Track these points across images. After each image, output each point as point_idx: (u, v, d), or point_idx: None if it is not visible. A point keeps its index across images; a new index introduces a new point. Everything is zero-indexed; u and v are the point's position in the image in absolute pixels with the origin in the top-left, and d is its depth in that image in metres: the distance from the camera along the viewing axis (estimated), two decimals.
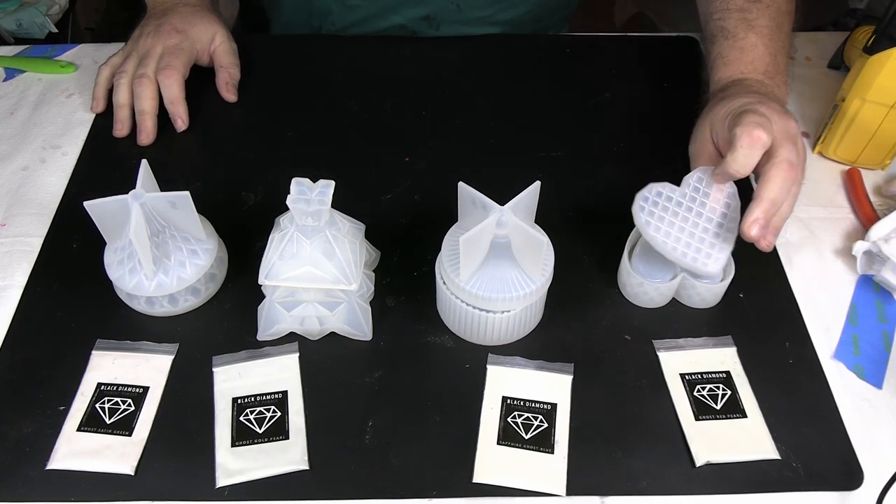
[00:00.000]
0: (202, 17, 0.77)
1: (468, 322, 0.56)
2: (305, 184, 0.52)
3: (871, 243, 0.62)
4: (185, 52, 0.74)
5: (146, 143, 0.72)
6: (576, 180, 0.71)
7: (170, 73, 0.72)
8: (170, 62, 0.73)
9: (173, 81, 0.73)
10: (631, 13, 1.55)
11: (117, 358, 0.57)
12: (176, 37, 0.74)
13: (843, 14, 1.20)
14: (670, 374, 0.57)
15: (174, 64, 0.73)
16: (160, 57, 0.73)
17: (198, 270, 0.58)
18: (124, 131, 0.74)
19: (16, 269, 0.64)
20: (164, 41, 0.74)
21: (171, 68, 0.73)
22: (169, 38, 0.74)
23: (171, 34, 0.74)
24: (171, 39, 0.74)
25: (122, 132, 0.73)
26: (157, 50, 0.74)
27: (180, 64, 0.74)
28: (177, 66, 0.73)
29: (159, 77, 0.73)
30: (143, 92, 0.72)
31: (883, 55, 0.64)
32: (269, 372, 0.57)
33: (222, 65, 0.78)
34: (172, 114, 0.74)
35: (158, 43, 0.74)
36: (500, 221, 0.51)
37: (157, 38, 0.74)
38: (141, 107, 0.72)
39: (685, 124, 0.76)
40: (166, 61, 0.73)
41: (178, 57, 0.74)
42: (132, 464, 0.52)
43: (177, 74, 0.73)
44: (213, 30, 0.77)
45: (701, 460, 0.52)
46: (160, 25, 0.75)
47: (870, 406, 0.56)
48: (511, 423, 0.54)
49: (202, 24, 0.77)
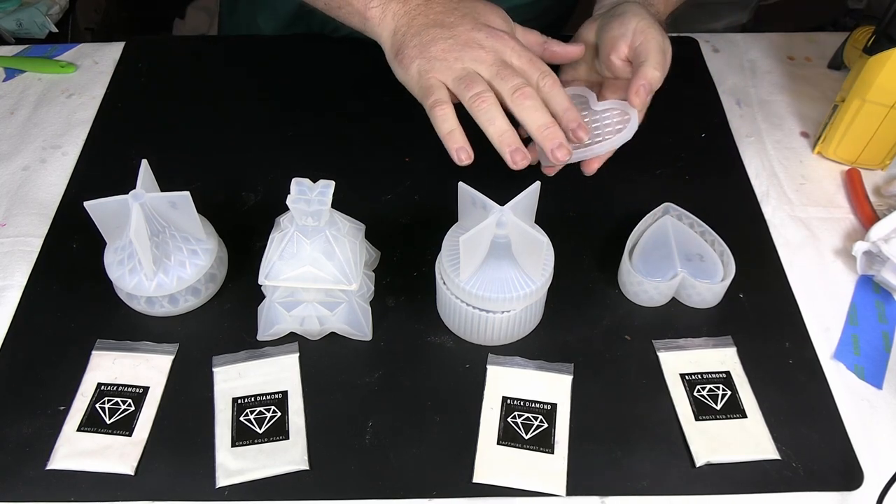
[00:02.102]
0: (484, 3, 0.61)
1: (468, 322, 0.56)
2: (305, 184, 0.52)
3: (871, 243, 0.62)
4: (530, 50, 0.59)
5: (562, 162, 0.57)
6: (576, 180, 0.71)
7: (552, 81, 0.58)
8: (541, 67, 0.58)
9: (559, 89, 0.58)
10: None
11: (117, 358, 0.57)
12: (505, 37, 0.58)
13: (842, 14, 1.20)
14: (670, 374, 0.57)
15: (544, 68, 0.58)
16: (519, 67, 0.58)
17: (198, 270, 0.58)
18: (527, 161, 0.55)
19: (16, 269, 0.64)
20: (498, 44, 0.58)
21: (549, 75, 0.58)
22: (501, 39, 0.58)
23: (495, 34, 0.58)
24: (506, 41, 0.58)
25: (526, 162, 0.55)
26: (505, 58, 0.58)
27: (548, 66, 0.59)
28: (548, 70, 0.58)
29: (542, 89, 0.58)
30: (534, 103, 0.56)
31: (883, 55, 0.64)
32: (269, 372, 0.57)
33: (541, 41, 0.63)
34: (569, 124, 0.57)
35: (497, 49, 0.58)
36: (500, 221, 0.51)
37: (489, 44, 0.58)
38: (542, 121, 0.56)
39: (685, 124, 0.76)
40: (537, 68, 0.58)
41: (538, 59, 0.59)
42: (132, 464, 0.52)
43: (556, 80, 0.58)
44: (505, 15, 0.62)
45: (701, 460, 0.52)
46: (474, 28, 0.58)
47: (870, 406, 0.56)
48: (511, 423, 0.54)
49: (497, 10, 0.61)
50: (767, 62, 0.85)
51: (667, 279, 0.59)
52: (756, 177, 0.72)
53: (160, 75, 0.82)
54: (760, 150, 0.75)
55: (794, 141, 0.76)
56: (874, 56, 0.65)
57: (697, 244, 0.62)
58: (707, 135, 0.76)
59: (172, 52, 0.87)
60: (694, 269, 0.60)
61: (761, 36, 0.88)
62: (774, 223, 0.68)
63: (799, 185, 0.72)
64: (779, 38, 0.88)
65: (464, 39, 0.58)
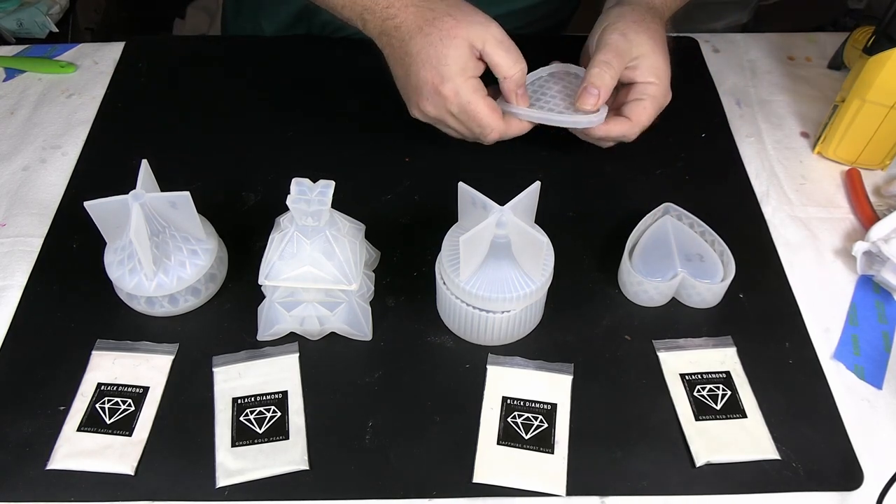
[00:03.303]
0: (449, 36, 0.60)
1: (468, 322, 0.56)
2: (305, 184, 0.52)
3: (871, 244, 0.62)
4: (467, 106, 0.62)
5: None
6: (576, 180, 0.71)
7: (491, 140, 0.64)
8: (475, 131, 0.64)
9: (496, 137, 0.64)
10: None
11: (117, 358, 0.57)
12: (445, 99, 0.62)
13: (842, 14, 1.20)
14: (670, 374, 0.57)
15: (477, 131, 0.64)
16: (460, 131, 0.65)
17: (198, 270, 0.58)
18: None
19: (16, 269, 0.64)
20: (441, 111, 0.63)
21: (482, 137, 0.64)
22: (438, 105, 0.63)
23: (437, 95, 0.62)
24: (444, 105, 0.62)
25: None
26: (448, 123, 0.64)
27: (484, 123, 0.63)
28: (481, 130, 0.63)
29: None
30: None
31: (883, 55, 0.64)
32: (269, 372, 0.57)
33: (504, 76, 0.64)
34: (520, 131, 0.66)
35: (440, 115, 0.63)
36: (500, 221, 0.51)
37: (432, 109, 0.63)
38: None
39: (685, 124, 0.76)
40: (471, 133, 0.64)
41: (474, 117, 0.62)
42: (132, 464, 0.52)
43: (493, 137, 0.64)
44: (463, 49, 0.61)
45: (701, 460, 0.52)
46: (421, 84, 0.62)
47: (870, 406, 0.56)
48: (511, 423, 0.54)
49: (454, 49, 0.61)
50: (767, 62, 0.85)
51: (667, 279, 0.59)
52: (756, 177, 0.72)
53: (160, 75, 0.82)
54: (760, 150, 0.75)
55: (794, 141, 0.76)
56: (874, 56, 0.65)
57: (697, 244, 0.62)
58: (707, 135, 0.76)
59: (172, 52, 0.87)
60: (694, 269, 0.60)
61: (761, 36, 0.88)
62: (774, 223, 0.68)
63: (799, 185, 0.72)
64: (779, 38, 0.88)
65: (415, 95, 0.63)
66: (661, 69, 0.64)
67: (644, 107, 0.64)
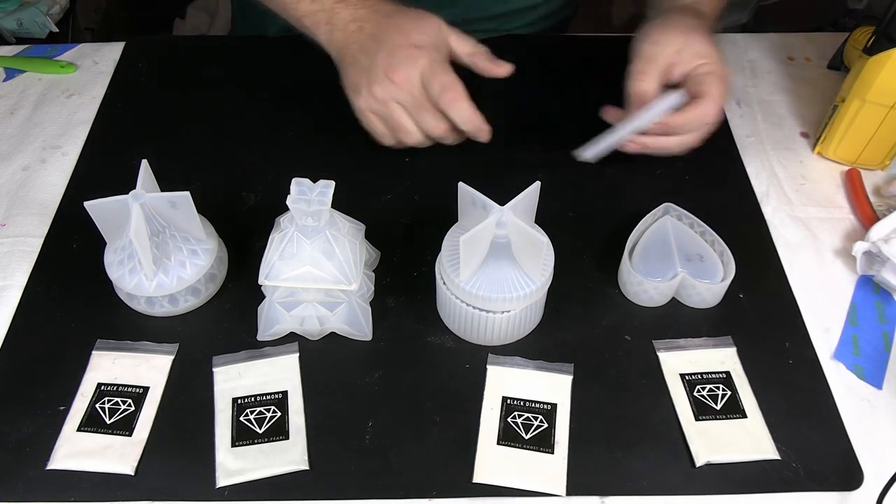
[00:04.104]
0: (413, 17, 0.64)
1: (468, 322, 0.56)
2: (305, 184, 0.52)
3: (871, 244, 0.62)
4: (440, 62, 0.63)
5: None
6: (576, 180, 0.71)
7: (451, 96, 0.62)
8: (442, 80, 0.62)
9: (458, 103, 0.62)
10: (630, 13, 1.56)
11: (117, 358, 0.57)
12: (418, 54, 0.62)
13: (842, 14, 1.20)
14: (670, 374, 0.57)
15: (445, 81, 0.62)
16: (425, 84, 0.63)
17: (198, 270, 0.58)
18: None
19: (16, 269, 0.64)
20: (411, 68, 0.62)
21: (449, 89, 0.62)
22: (412, 60, 0.62)
23: (409, 54, 0.62)
24: (417, 60, 0.62)
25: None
26: (415, 81, 0.62)
27: (451, 77, 0.62)
28: (449, 82, 0.62)
29: (440, 104, 0.63)
30: (446, 139, 0.65)
31: (883, 56, 0.64)
32: (269, 372, 0.57)
33: (470, 51, 0.66)
34: (472, 133, 0.65)
35: (409, 73, 0.62)
36: (500, 221, 0.51)
37: (403, 69, 0.62)
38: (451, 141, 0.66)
39: None
40: (438, 82, 0.62)
41: (444, 70, 0.63)
42: (132, 464, 0.52)
43: (456, 92, 0.62)
44: (437, 23, 0.65)
45: (701, 460, 0.52)
46: (391, 52, 0.62)
47: (870, 406, 0.56)
48: (511, 423, 0.54)
49: (422, 24, 0.64)
50: (767, 62, 0.85)
51: (667, 279, 0.59)
52: (756, 177, 0.72)
53: (160, 75, 0.82)
54: (760, 150, 0.75)
55: (794, 141, 0.76)
56: (874, 56, 0.65)
57: (697, 244, 0.62)
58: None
59: (172, 52, 0.87)
60: (694, 269, 0.60)
61: (761, 36, 0.88)
62: (774, 223, 0.68)
63: (799, 186, 0.72)
64: (779, 38, 0.88)
65: (382, 69, 0.63)
66: (703, 50, 0.63)
67: (707, 82, 0.62)
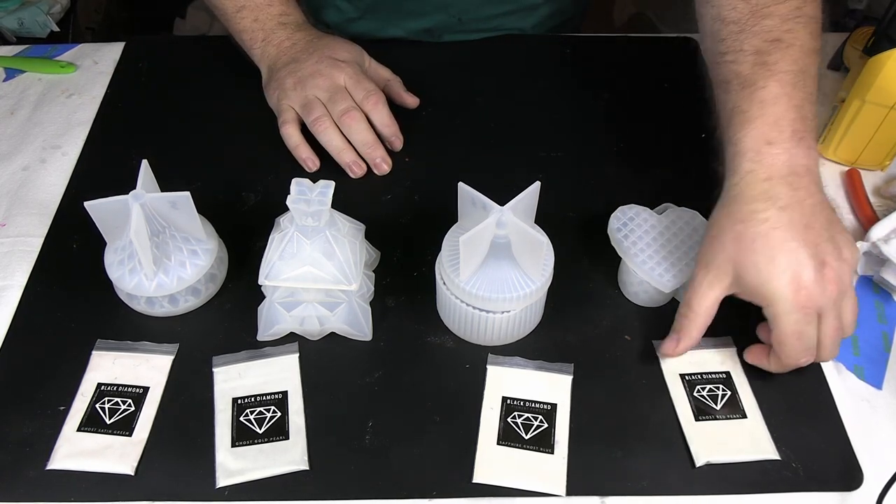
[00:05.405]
0: (340, 41, 0.75)
1: (468, 322, 0.56)
2: (305, 184, 0.52)
3: (871, 244, 0.62)
4: (363, 74, 0.72)
5: (387, 172, 0.70)
6: (576, 180, 0.71)
7: (375, 99, 0.70)
8: (367, 87, 0.70)
9: (381, 106, 0.71)
10: (630, 13, 1.56)
11: (117, 358, 0.57)
12: (343, 65, 0.71)
13: (843, 14, 1.20)
14: (670, 375, 0.57)
15: (370, 87, 0.71)
16: (350, 88, 0.71)
17: (198, 270, 0.58)
18: (363, 170, 0.70)
19: (16, 269, 0.64)
20: (335, 72, 0.70)
21: (374, 94, 0.70)
22: (338, 67, 0.71)
23: (335, 63, 0.71)
24: (342, 68, 0.71)
25: (361, 171, 0.70)
26: (339, 83, 0.70)
27: (374, 87, 0.71)
28: (373, 89, 0.71)
29: (365, 106, 0.70)
30: (358, 126, 0.69)
31: (883, 56, 0.64)
32: (269, 372, 0.57)
33: (388, 77, 0.77)
34: (389, 136, 0.71)
35: (332, 76, 0.70)
36: (500, 221, 0.51)
37: (327, 72, 0.70)
38: (363, 139, 0.69)
39: (685, 124, 0.76)
40: (363, 88, 0.70)
41: (367, 80, 0.71)
42: (132, 464, 0.52)
43: (379, 97, 0.71)
44: (360, 49, 0.75)
45: (701, 460, 0.52)
46: (319, 60, 0.71)
47: (869, 406, 0.56)
48: (511, 423, 0.54)
49: (347, 46, 0.74)
50: None
51: None
52: None
53: (160, 75, 0.82)
54: None
55: None
56: (874, 56, 0.65)
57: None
58: (707, 135, 0.76)
59: (172, 52, 0.87)
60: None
61: None
62: None
63: None
64: None
65: (308, 71, 0.70)
66: (758, 285, 0.51)
67: (773, 332, 0.52)
